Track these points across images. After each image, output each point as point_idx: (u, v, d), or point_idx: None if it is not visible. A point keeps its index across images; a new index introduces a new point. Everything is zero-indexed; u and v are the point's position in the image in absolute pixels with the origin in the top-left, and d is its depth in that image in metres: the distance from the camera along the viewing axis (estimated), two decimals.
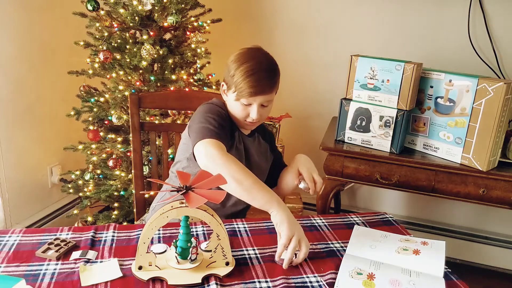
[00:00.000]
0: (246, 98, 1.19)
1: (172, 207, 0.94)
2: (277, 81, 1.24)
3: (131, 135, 1.61)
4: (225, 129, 1.20)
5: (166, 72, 1.89)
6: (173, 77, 1.89)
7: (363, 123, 1.78)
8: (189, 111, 1.91)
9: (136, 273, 0.94)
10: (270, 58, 1.25)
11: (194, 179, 0.99)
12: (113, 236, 1.12)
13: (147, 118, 1.89)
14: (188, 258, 0.97)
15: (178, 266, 0.97)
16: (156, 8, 1.83)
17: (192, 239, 0.99)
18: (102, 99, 1.93)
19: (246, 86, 1.17)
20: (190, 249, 0.96)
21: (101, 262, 1.01)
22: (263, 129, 1.44)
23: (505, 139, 1.65)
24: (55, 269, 0.97)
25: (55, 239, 1.07)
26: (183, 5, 1.91)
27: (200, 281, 0.93)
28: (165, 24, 1.87)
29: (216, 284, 0.93)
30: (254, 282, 0.96)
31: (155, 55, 1.82)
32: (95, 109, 1.95)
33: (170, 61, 1.88)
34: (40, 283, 0.92)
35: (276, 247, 1.10)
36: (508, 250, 2.29)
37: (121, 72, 1.89)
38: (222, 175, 0.96)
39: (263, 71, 1.18)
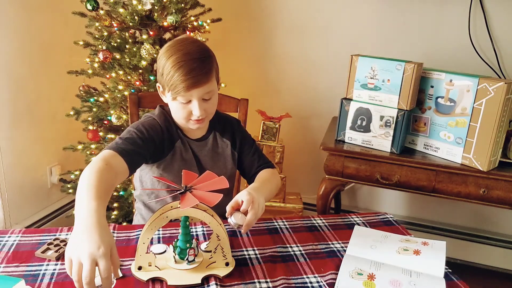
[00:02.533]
0: (182, 95, 1.08)
1: (172, 207, 0.94)
2: (212, 69, 1.11)
3: None
4: (138, 146, 1.09)
5: None
6: None
7: (364, 123, 1.77)
8: None
9: (136, 274, 0.94)
10: (200, 44, 1.12)
11: (198, 179, 0.99)
12: (113, 236, 1.11)
13: None
14: (185, 259, 0.97)
15: (176, 266, 0.96)
16: (155, 7, 1.83)
17: (193, 241, 0.99)
18: (101, 99, 1.93)
19: (178, 81, 1.05)
20: (188, 250, 0.96)
21: None
22: (223, 124, 1.30)
23: (506, 139, 1.64)
24: (54, 269, 0.97)
25: (54, 239, 1.07)
26: (182, 5, 1.90)
27: (199, 282, 0.93)
28: (165, 23, 1.87)
29: (216, 284, 0.93)
30: (254, 282, 0.96)
31: (155, 55, 1.81)
32: (94, 109, 1.94)
33: None
34: (39, 283, 0.91)
35: (275, 247, 1.10)
36: (509, 251, 2.28)
37: (121, 72, 1.88)
38: None
39: (193, 61, 1.06)
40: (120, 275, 0.94)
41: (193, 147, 1.25)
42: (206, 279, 0.95)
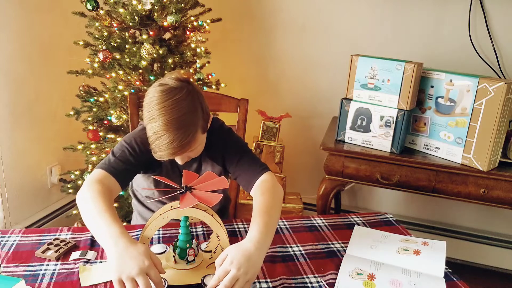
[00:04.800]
0: (164, 159, 1.06)
1: (172, 207, 0.94)
2: (195, 135, 1.04)
3: None
4: (130, 163, 1.12)
5: (165, 71, 1.88)
6: None
7: (364, 123, 1.77)
8: None
9: None
10: (181, 108, 1.01)
11: (199, 179, 0.99)
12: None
13: None
14: (185, 259, 0.97)
15: (176, 266, 0.96)
16: (155, 7, 1.83)
17: (193, 241, 0.99)
18: (101, 99, 1.93)
19: (156, 150, 1.02)
20: (188, 251, 0.96)
21: (100, 262, 1.00)
22: (210, 143, 1.20)
23: (506, 139, 1.64)
24: (54, 269, 0.97)
25: (54, 239, 1.07)
26: (182, 5, 1.90)
27: (199, 282, 0.93)
28: (165, 23, 1.86)
29: None
30: (254, 282, 0.96)
31: (155, 55, 1.81)
32: (94, 109, 1.94)
33: (170, 60, 1.88)
34: (39, 283, 0.91)
35: (275, 247, 1.10)
36: (509, 250, 2.28)
37: (121, 72, 1.88)
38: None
39: (173, 132, 0.99)
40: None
41: (179, 166, 1.22)
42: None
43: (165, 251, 1.01)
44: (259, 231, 0.93)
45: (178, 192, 0.94)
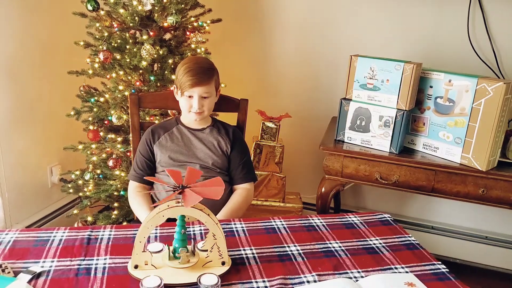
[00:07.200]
0: (187, 90, 1.40)
1: (168, 206, 0.94)
2: (212, 77, 1.44)
3: (131, 135, 1.62)
4: (146, 164, 1.50)
5: (166, 72, 1.89)
6: (173, 77, 1.89)
7: (363, 123, 1.78)
8: None
9: (132, 272, 0.94)
10: (206, 59, 1.53)
11: (204, 182, 0.99)
12: (110, 234, 1.12)
13: (147, 118, 1.89)
14: (180, 258, 0.97)
15: (173, 265, 0.97)
16: (156, 8, 1.83)
17: (191, 239, 0.99)
18: (102, 99, 1.93)
19: (185, 80, 1.39)
20: (183, 249, 0.97)
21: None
22: (225, 128, 1.55)
23: (505, 138, 1.64)
24: (51, 266, 0.97)
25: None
26: (183, 5, 1.90)
27: (196, 281, 0.93)
28: (165, 24, 1.87)
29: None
30: (251, 282, 0.96)
31: (155, 55, 1.82)
32: (95, 109, 1.95)
33: (170, 61, 1.88)
34: (36, 280, 0.92)
35: (273, 246, 1.11)
36: (507, 250, 2.28)
37: (121, 72, 1.89)
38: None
39: (198, 67, 1.41)
40: None
41: (188, 134, 1.51)
42: None
43: (162, 250, 1.02)
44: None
45: (176, 192, 0.94)
